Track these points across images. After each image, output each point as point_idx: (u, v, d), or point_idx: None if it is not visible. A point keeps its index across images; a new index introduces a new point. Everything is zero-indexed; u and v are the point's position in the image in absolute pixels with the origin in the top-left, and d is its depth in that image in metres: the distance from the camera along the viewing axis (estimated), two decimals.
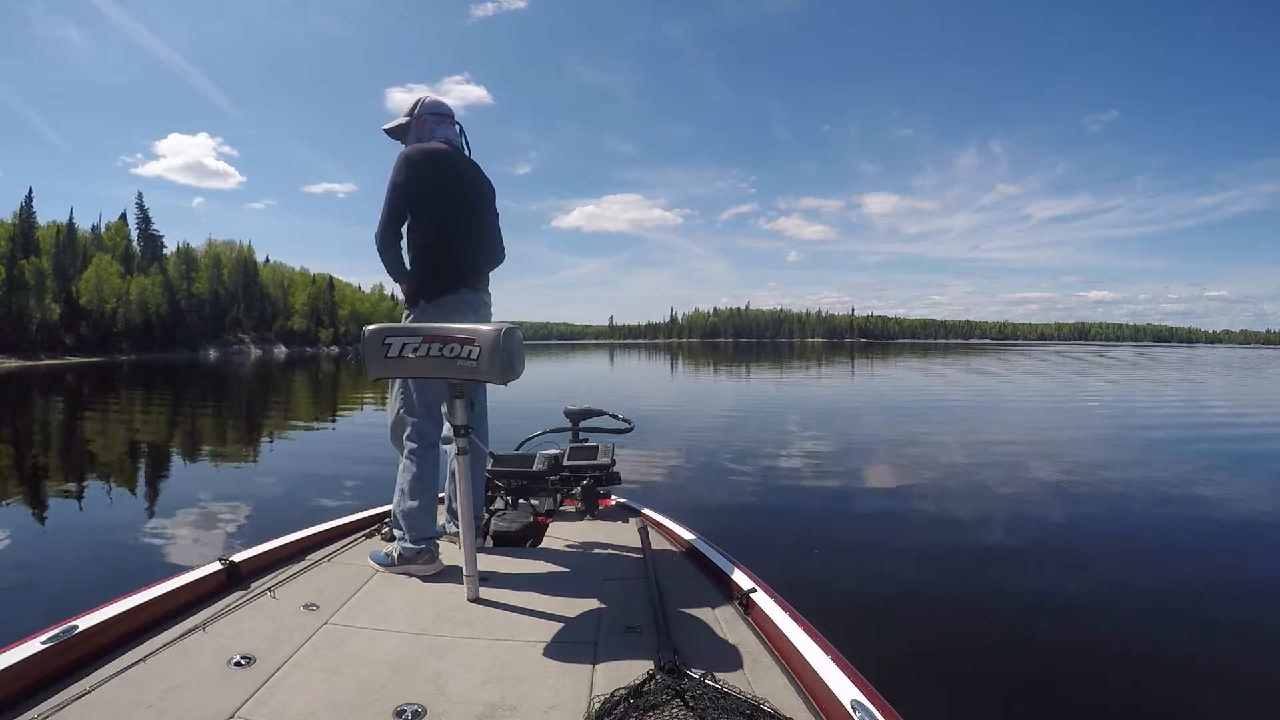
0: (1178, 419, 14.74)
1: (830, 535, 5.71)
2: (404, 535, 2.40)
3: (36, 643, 1.60)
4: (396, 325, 2.18)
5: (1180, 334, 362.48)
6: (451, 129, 2.80)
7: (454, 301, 2.59)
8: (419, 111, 2.76)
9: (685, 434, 11.30)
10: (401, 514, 2.43)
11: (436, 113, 2.77)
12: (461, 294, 2.62)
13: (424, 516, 2.43)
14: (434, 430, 2.57)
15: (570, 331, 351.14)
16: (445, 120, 2.78)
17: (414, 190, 2.60)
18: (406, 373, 2.11)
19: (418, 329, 2.09)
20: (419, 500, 2.44)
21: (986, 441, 10.93)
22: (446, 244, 2.64)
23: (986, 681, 3.31)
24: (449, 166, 2.67)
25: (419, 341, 2.04)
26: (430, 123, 2.76)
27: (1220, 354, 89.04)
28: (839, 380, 28.18)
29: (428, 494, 2.48)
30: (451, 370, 2.04)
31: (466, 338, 2.02)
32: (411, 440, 2.53)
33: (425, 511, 2.44)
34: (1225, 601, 4.31)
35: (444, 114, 2.79)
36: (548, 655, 1.77)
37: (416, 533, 2.39)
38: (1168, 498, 7.10)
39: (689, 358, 59.44)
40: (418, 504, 2.43)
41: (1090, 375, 31.26)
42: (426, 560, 2.37)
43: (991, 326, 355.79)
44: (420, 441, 2.53)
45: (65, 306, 64.90)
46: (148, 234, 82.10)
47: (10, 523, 6.02)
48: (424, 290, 2.60)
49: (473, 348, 2.01)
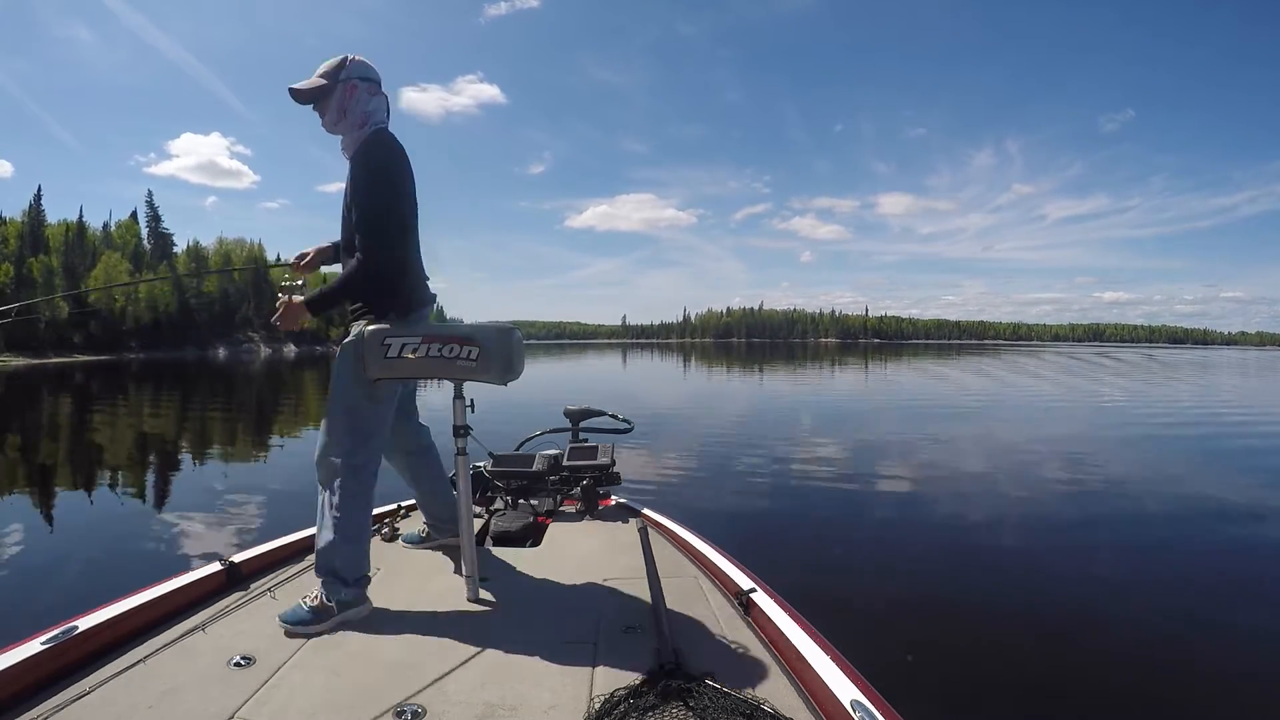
0: (1184, 421, 14.65)
1: (831, 535, 5.71)
2: (341, 582, 2.01)
3: (36, 643, 1.61)
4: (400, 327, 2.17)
5: (1195, 335, 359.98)
6: (384, 103, 2.29)
7: (421, 317, 2.31)
8: (347, 74, 2.20)
9: (688, 434, 11.26)
10: (341, 557, 2.03)
11: (368, 78, 2.24)
12: (427, 309, 2.35)
13: (364, 556, 2.11)
14: (379, 457, 2.22)
15: (583, 331, 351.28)
16: (376, 91, 2.26)
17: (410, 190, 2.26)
18: (407, 373, 2.10)
19: (417, 329, 2.08)
20: (363, 538, 2.12)
21: (988, 444, 10.91)
22: (416, 254, 2.33)
23: (986, 682, 3.30)
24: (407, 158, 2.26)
25: (418, 342, 2.04)
26: (361, 91, 2.22)
27: (1234, 355, 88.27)
28: (849, 381, 28.15)
29: (367, 529, 2.17)
30: (451, 370, 2.05)
31: (466, 338, 2.03)
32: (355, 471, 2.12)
33: (365, 550, 2.13)
34: (1224, 603, 4.29)
35: (377, 81, 2.27)
36: (548, 655, 1.76)
37: (356, 573, 2.06)
38: (1169, 500, 7.07)
39: (701, 358, 59.38)
40: (361, 543, 2.11)
41: (1094, 378, 31.04)
42: (363, 601, 2.06)
43: (1005, 327, 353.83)
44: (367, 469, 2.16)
45: (74, 305, 65.31)
46: (158, 232, 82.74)
47: (12, 522, 6.05)
48: (399, 304, 2.24)
49: (473, 348, 2.01)
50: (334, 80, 2.19)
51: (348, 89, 2.19)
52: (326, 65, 2.21)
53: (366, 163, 2.16)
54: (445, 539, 2.60)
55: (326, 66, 2.21)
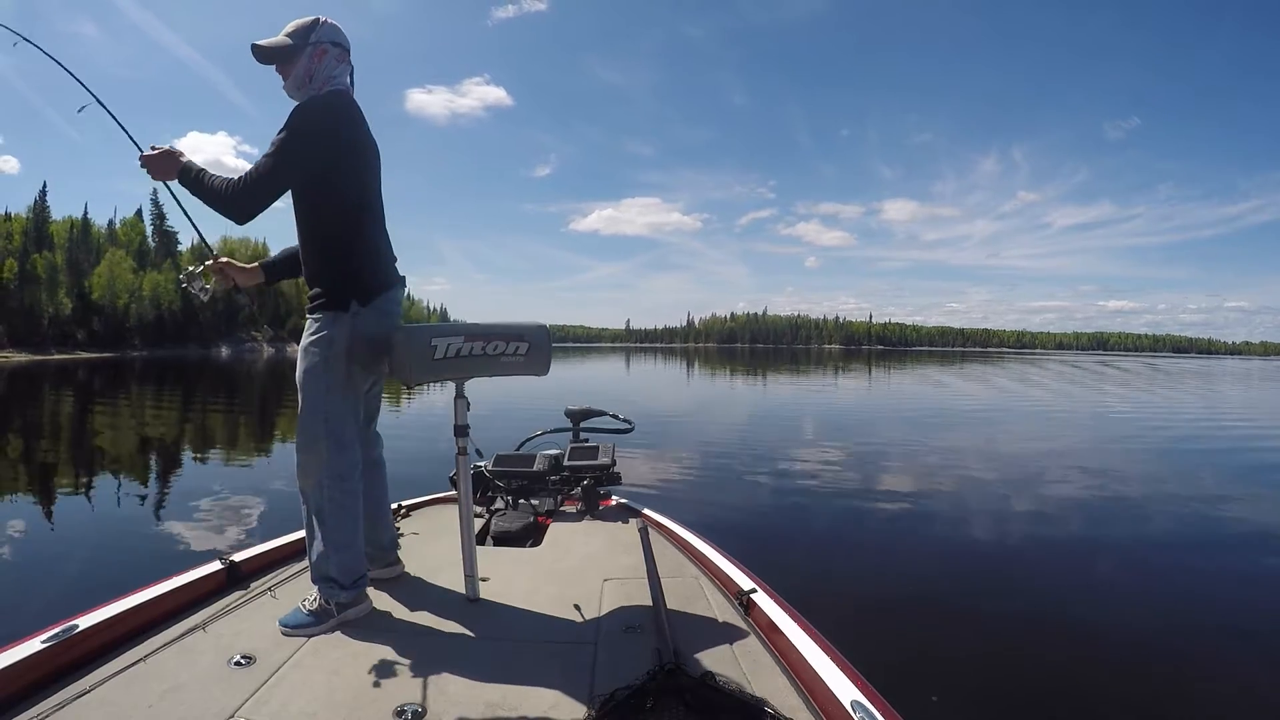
0: (1184, 429, 14.61)
1: (831, 536, 5.72)
2: (338, 586, 1.97)
3: (36, 642, 1.61)
4: (440, 325, 2.18)
5: (1200, 345, 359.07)
6: (349, 71, 2.15)
7: (389, 300, 2.13)
8: (318, 37, 2.05)
9: (689, 435, 11.29)
10: (335, 566, 1.98)
11: (339, 43, 2.10)
12: (396, 290, 2.17)
13: (360, 558, 2.06)
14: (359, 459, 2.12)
15: (587, 334, 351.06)
16: (345, 58, 2.13)
17: (346, 142, 2.04)
18: (453, 374, 2.10)
19: (458, 327, 2.08)
20: (355, 543, 2.06)
21: (987, 450, 10.91)
22: (378, 225, 2.16)
23: (987, 682, 3.30)
24: (367, 126, 2.14)
25: (461, 341, 2.04)
26: (331, 56, 2.08)
27: (1237, 365, 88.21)
28: (851, 387, 28.18)
29: (359, 533, 2.09)
30: (495, 368, 2.10)
31: (516, 335, 2.10)
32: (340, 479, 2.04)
33: (360, 552, 2.07)
34: (1223, 608, 4.29)
35: (347, 48, 2.13)
36: (548, 655, 1.76)
37: (353, 576, 2.01)
38: (1169, 507, 7.06)
39: (705, 362, 59.43)
40: (353, 548, 2.04)
41: (1094, 387, 31.01)
42: (363, 601, 2.03)
43: (1009, 335, 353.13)
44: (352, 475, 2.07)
45: (77, 301, 65.46)
46: (163, 230, 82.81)
47: (12, 520, 6.05)
48: (360, 288, 2.05)
49: (521, 344, 2.11)
50: (303, 41, 2.04)
51: (317, 52, 2.05)
52: (296, 24, 2.07)
53: (299, 113, 1.99)
54: (377, 569, 2.26)
55: (296, 25, 2.06)
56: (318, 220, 2.07)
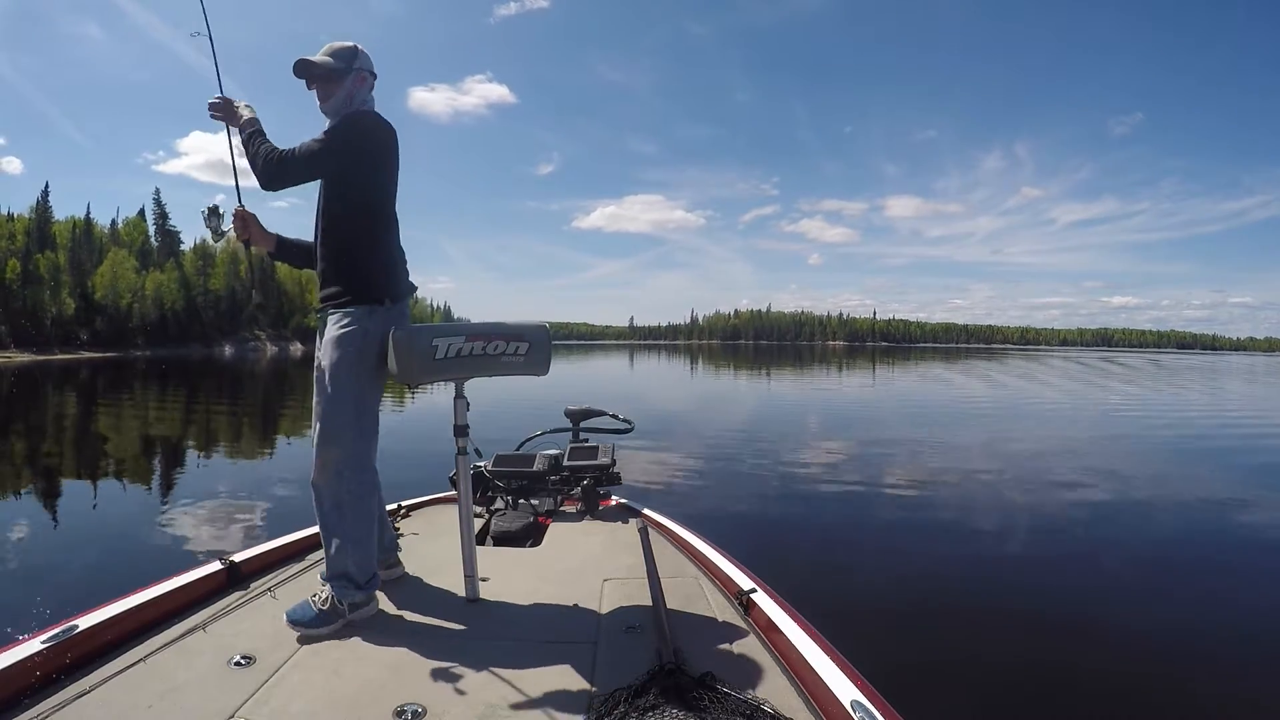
0: (1189, 427, 14.58)
1: (831, 536, 5.71)
2: (354, 585, 1.99)
3: (36, 642, 1.61)
4: (441, 325, 2.17)
5: (1204, 340, 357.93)
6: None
7: (406, 305, 2.25)
8: (361, 64, 2.20)
9: (690, 435, 11.26)
10: (354, 561, 2.01)
11: (374, 72, 2.27)
12: (405, 303, 2.26)
13: (373, 556, 2.11)
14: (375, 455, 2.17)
15: (590, 332, 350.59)
16: (371, 87, 2.28)
17: (390, 163, 2.20)
18: (453, 374, 2.11)
19: (459, 328, 2.09)
20: (371, 539, 2.10)
21: (992, 446, 10.89)
22: (397, 241, 2.27)
23: (986, 682, 3.29)
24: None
25: (463, 341, 2.06)
26: (369, 85, 2.24)
27: (1241, 361, 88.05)
28: (855, 384, 28.12)
29: (374, 529, 2.15)
30: (496, 368, 2.11)
31: (516, 335, 2.11)
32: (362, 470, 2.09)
33: (374, 550, 2.12)
34: (1223, 606, 4.29)
35: (375, 77, 2.29)
36: (548, 655, 1.76)
37: (367, 574, 2.05)
38: (1172, 505, 7.06)
39: (709, 360, 59.39)
40: (370, 544, 2.09)
41: (1098, 384, 30.95)
42: (372, 603, 2.06)
43: (1013, 331, 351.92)
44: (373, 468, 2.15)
45: (80, 301, 65.56)
46: (165, 230, 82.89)
47: (13, 519, 6.07)
48: (392, 287, 2.17)
49: (522, 344, 2.12)
50: (348, 65, 2.18)
51: (359, 78, 2.20)
52: (338, 47, 2.19)
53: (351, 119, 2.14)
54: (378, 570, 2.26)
55: (336, 48, 2.19)
56: (358, 217, 2.15)
